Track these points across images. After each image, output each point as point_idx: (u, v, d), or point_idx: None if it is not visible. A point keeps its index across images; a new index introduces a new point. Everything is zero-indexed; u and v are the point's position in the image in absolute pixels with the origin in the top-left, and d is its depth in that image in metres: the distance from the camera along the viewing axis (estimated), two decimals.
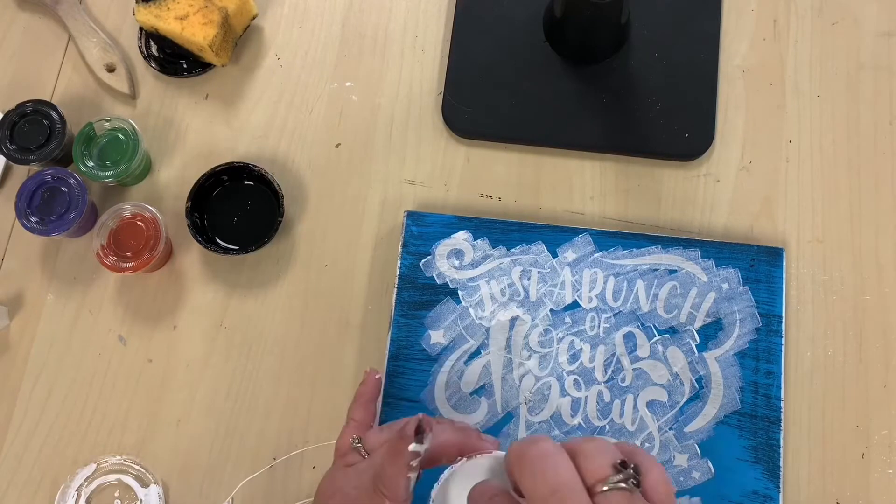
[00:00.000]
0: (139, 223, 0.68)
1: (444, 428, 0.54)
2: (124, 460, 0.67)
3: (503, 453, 0.50)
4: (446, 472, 0.51)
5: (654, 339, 0.66)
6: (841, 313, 0.68)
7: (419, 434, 0.49)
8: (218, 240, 0.71)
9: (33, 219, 0.68)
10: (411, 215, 0.69)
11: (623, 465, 0.42)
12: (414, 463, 0.49)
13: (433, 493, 0.50)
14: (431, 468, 0.52)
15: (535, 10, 0.75)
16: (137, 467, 0.67)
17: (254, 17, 0.76)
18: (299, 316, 0.70)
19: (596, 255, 0.68)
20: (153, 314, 0.71)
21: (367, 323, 0.70)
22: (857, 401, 0.66)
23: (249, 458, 0.67)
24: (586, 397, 0.65)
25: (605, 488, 0.41)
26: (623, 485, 0.41)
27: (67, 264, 0.72)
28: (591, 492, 0.41)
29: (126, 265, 0.67)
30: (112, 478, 0.67)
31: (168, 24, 0.71)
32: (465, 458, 0.51)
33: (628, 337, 0.66)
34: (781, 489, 0.63)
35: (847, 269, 0.69)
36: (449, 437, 0.53)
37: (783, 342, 0.66)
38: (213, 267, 0.72)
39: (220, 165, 0.70)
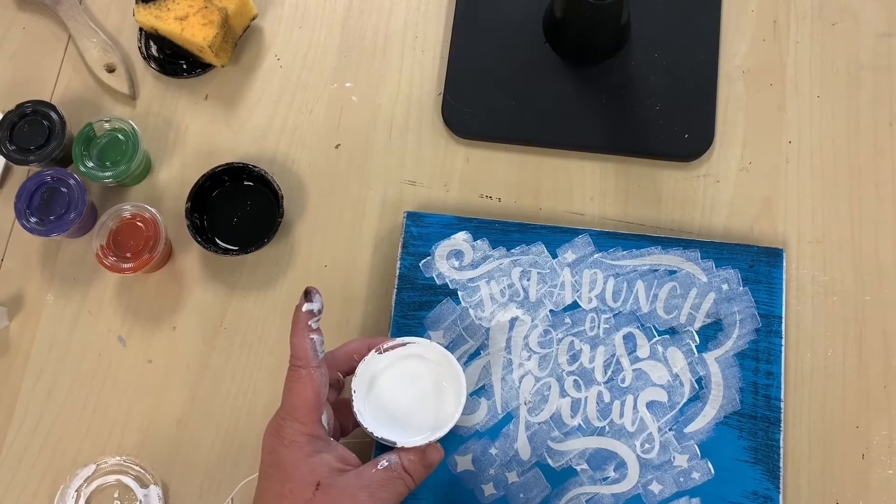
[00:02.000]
0: (139, 224, 0.68)
1: (354, 340, 0.61)
2: (124, 461, 0.67)
3: (414, 339, 0.60)
4: (360, 364, 0.59)
5: (654, 339, 0.66)
6: (841, 314, 0.68)
7: (308, 295, 0.55)
8: (217, 240, 0.71)
9: (33, 219, 0.68)
10: (411, 216, 0.69)
11: None
12: (312, 324, 0.55)
13: (352, 384, 0.59)
14: (346, 374, 0.60)
15: (534, 11, 0.75)
16: (137, 468, 0.67)
17: (254, 18, 0.76)
18: None
19: (596, 255, 0.68)
20: (153, 315, 0.71)
21: (366, 324, 0.69)
22: (857, 401, 0.66)
23: (249, 458, 0.67)
24: (586, 398, 0.65)
25: None
26: None
27: (67, 265, 0.72)
28: None
29: (126, 266, 0.67)
30: (111, 478, 0.67)
31: (168, 24, 0.71)
32: (375, 350, 0.59)
33: (628, 338, 0.66)
34: (781, 490, 0.63)
35: (847, 270, 0.69)
36: (358, 343, 0.61)
37: (783, 343, 0.66)
38: (212, 267, 0.72)
39: (219, 166, 0.70)
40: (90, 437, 0.68)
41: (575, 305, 0.67)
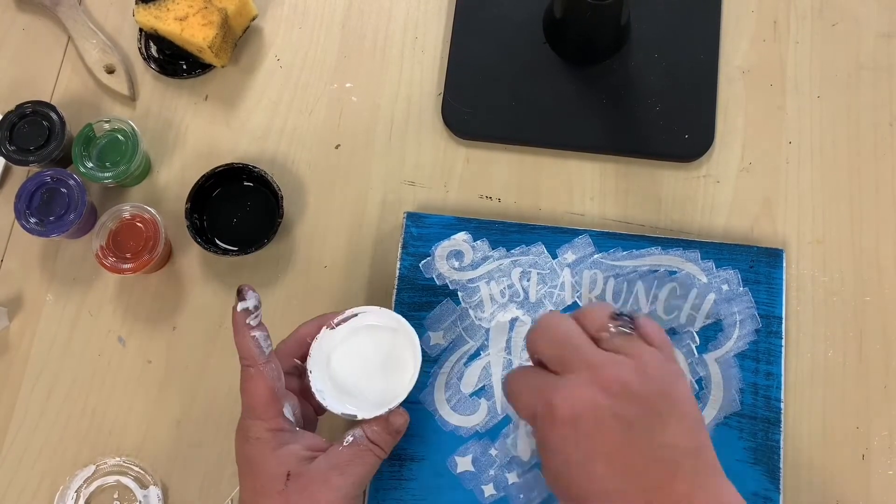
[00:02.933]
0: (138, 224, 0.68)
1: (303, 323, 0.61)
2: (123, 462, 0.67)
3: (363, 308, 0.60)
4: (313, 343, 0.59)
5: None
6: (841, 314, 0.68)
7: (240, 294, 0.56)
8: (217, 241, 0.71)
9: (33, 220, 0.68)
10: (411, 216, 0.69)
11: (618, 315, 0.50)
12: (251, 321, 0.56)
13: (308, 365, 0.59)
14: (303, 358, 0.60)
15: (534, 11, 0.75)
16: (136, 469, 0.67)
17: (253, 18, 0.76)
18: (299, 317, 0.70)
19: (596, 256, 0.68)
20: (153, 315, 0.71)
21: None
22: (857, 402, 0.66)
23: None
24: None
25: (606, 334, 0.49)
26: (622, 329, 0.49)
27: (67, 265, 0.72)
28: (595, 340, 0.49)
29: (125, 266, 0.67)
30: (111, 479, 0.67)
31: (167, 24, 0.71)
32: (325, 328, 0.60)
33: None
34: (781, 490, 0.63)
35: (847, 270, 0.69)
36: (309, 325, 0.61)
37: (783, 343, 0.65)
38: (212, 268, 0.72)
39: (219, 166, 0.70)
40: (90, 438, 0.68)
41: (575, 306, 0.67)
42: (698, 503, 0.45)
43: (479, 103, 0.73)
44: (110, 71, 0.75)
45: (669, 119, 0.72)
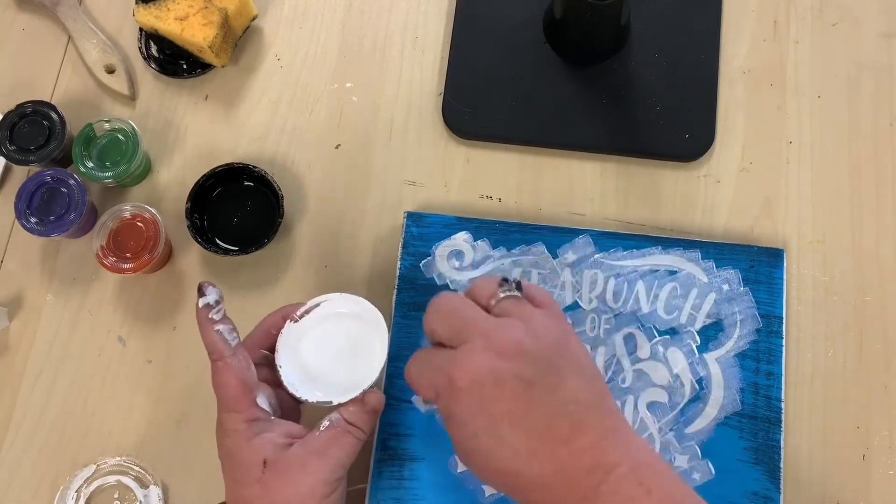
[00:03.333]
0: (139, 224, 0.68)
1: (268, 315, 0.62)
2: (124, 461, 0.67)
3: (325, 297, 0.61)
4: (279, 338, 0.60)
5: (655, 340, 0.66)
6: (841, 314, 0.68)
7: (200, 291, 0.56)
8: (218, 241, 0.70)
9: (33, 219, 0.68)
10: (411, 216, 0.69)
11: (504, 281, 0.52)
12: (213, 315, 0.56)
13: (276, 359, 0.60)
14: (272, 349, 0.60)
15: (535, 11, 0.75)
16: (137, 468, 0.67)
17: (254, 18, 0.76)
18: None
19: (596, 256, 0.68)
20: (153, 315, 0.71)
21: None
22: (857, 402, 0.66)
23: None
24: None
25: (494, 301, 0.51)
26: (509, 293, 0.51)
27: (67, 265, 0.72)
28: (486, 309, 0.51)
29: (126, 266, 0.67)
30: (112, 479, 0.67)
31: (168, 24, 0.71)
32: (290, 321, 0.60)
33: (628, 338, 0.66)
34: (782, 490, 0.63)
35: (848, 270, 0.69)
36: (273, 317, 0.61)
37: (784, 343, 0.65)
38: (212, 268, 0.71)
39: (219, 166, 0.70)
40: (90, 438, 0.68)
41: (575, 306, 0.67)
42: (606, 452, 0.46)
43: (480, 103, 0.73)
44: (110, 71, 0.75)
45: (670, 119, 0.72)
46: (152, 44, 0.75)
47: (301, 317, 0.61)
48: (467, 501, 0.64)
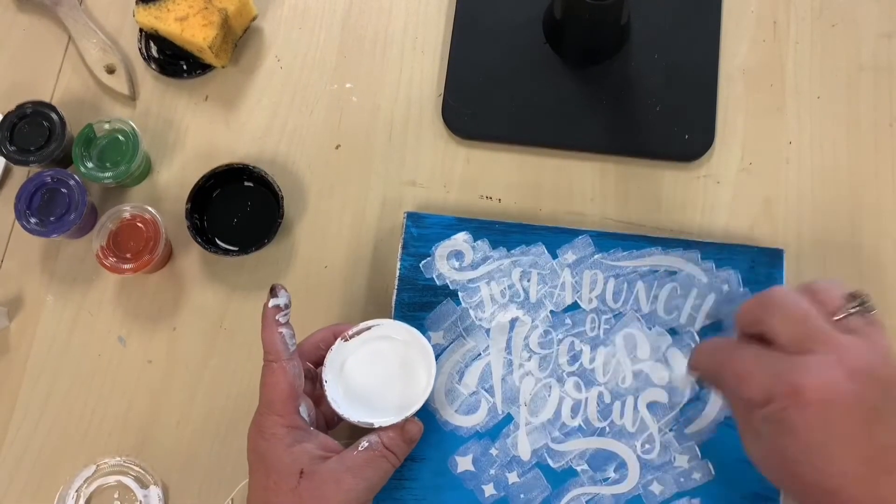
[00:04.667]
0: (139, 224, 0.68)
1: (320, 329, 0.63)
2: (124, 461, 0.67)
3: (377, 321, 0.61)
4: (328, 354, 0.60)
5: (655, 340, 0.66)
6: None
7: (273, 291, 0.57)
8: (218, 241, 0.71)
9: (33, 220, 0.68)
10: (411, 216, 0.69)
11: (853, 296, 0.51)
12: (280, 318, 0.57)
13: (323, 374, 0.60)
14: (317, 362, 0.61)
15: (535, 12, 0.75)
16: (137, 468, 0.67)
17: (254, 19, 0.76)
18: (299, 317, 0.69)
19: (596, 256, 0.68)
20: (153, 315, 0.71)
21: None
22: None
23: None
24: (587, 399, 0.65)
25: (842, 315, 0.50)
26: (857, 309, 0.50)
27: (67, 265, 0.72)
28: (830, 319, 0.50)
29: (126, 266, 0.67)
30: (112, 479, 0.67)
31: (168, 25, 0.71)
32: (340, 339, 0.61)
33: (628, 338, 0.66)
34: (782, 491, 0.63)
35: (847, 271, 0.69)
36: (324, 332, 0.62)
37: None
38: (212, 268, 0.72)
39: (219, 167, 0.70)
40: (90, 438, 0.68)
41: (575, 306, 0.67)
42: None
43: (480, 104, 0.73)
44: (111, 71, 0.75)
45: (669, 119, 0.72)
46: (152, 44, 0.75)
47: (352, 336, 0.61)
48: (468, 501, 0.64)
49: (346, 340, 0.61)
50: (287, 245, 0.72)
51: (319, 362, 0.61)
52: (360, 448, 0.57)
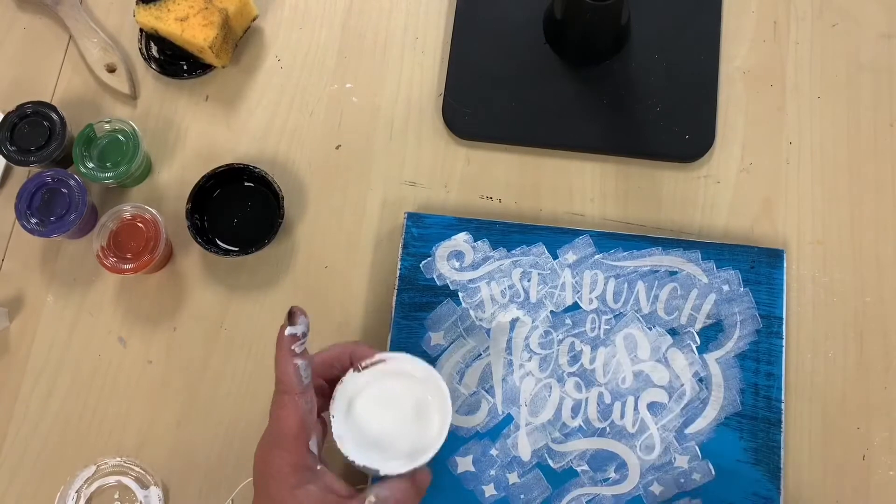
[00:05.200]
0: (139, 224, 0.68)
1: (335, 345, 0.59)
2: (124, 462, 0.67)
3: (394, 355, 0.57)
4: (338, 386, 0.56)
5: (655, 341, 0.66)
6: (841, 315, 0.68)
7: (291, 318, 0.53)
8: (218, 241, 0.70)
9: (33, 220, 0.68)
10: (411, 217, 0.69)
11: None
12: (296, 348, 0.53)
13: (331, 408, 0.56)
14: (329, 380, 0.58)
15: (535, 12, 0.75)
16: (137, 469, 0.67)
17: (254, 19, 0.76)
18: None
19: (596, 256, 0.68)
20: (153, 316, 0.71)
21: (367, 325, 0.69)
22: (857, 403, 0.66)
23: (249, 459, 0.67)
24: (587, 399, 0.65)
25: None
26: None
27: (67, 266, 0.72)
28: None
29: (126, 266, 0.67)
30: (112, 479, 0.67)
31: (168, 25, 0.71)
32: (352, 370, 0.57)
33: (628, 339, 0.66)
34: (782, 491, 0.63)
35: (848, 271, 0.69)
36: (340, 350, 0.58)
37: (784, 344, 0.65)
38: (213, 268, 0.72)
39: (220, 167, 0.70)
40: (90, 438, 0.68)
41: (576, 306, 0.67)
42: None
43: (480, 104, 0.73)
44: (111, 70, 0.75)
45: (670, 120, 0.72)
46: (153, 44, 0.75)
47: (365, 368, 0.57)
48: (468, 502, 0.64)
49: (359, 371, 0.57)
50: (287, 245, 0.72)
51: (333, 381, 0.57)
52: (366, 502, 0.53)
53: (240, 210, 0.71)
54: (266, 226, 0.69)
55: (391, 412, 0.57)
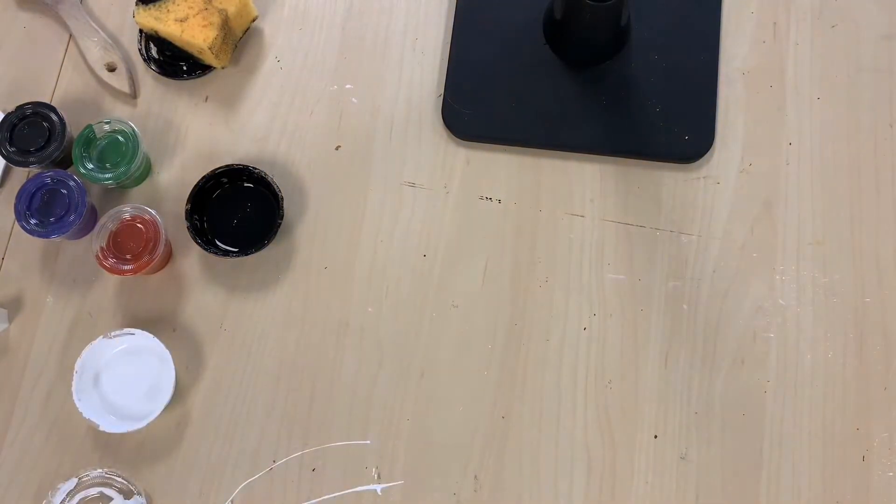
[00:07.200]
0: (139, 225, 0.68)
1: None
2: (106, 473, 0.67)
3: (133, 331, 0.67)
4: (87, 347, 0.67)
5: None
6: (841, 316, 0.68)
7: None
8: (218, 242, 0.71)
9: (33, 221, 0.68)
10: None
11: None
12: None
13: (76, 364, 0.66)
14: None
15: (535, 13, 0.75)
16: (120, 480, 0.67)
17: (254, 20, 0.76)
18: (298, 318, 0.70)
19: None
20: (153, 316, 0.71)
21: (366, 325, 0.69)
22: (857, 403, 0.66)
23: (249, 460, 0.67)
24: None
25: None
26: None
27: (67, 266, 0.72)
28: None
29: (126, 267, 0.67)
30: (94, 491, 0.67)
31: (167, 26, 0.71)
32: (103, 336, 0.67)
33: None
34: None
35: (847, 272, 0.69)
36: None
37: None
38: (212, 269, 0.72)
39: (219, 168, 0.70)
40: (90, 438, 0.68)
41: None
42: None
43: (480, 104, 0.73)
44: (112, 69, 0.75)
45: (669, 120, 0.72)
46: (152, 45, 0.75)
47: (115, 336, 0.67)
48: None
49: (109, 338, 0.67)
50: (287, 246, 0.72)
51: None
52: None
53: (239, 211, 0.71)
54: (266, 227, 0.69)
55: (130, 382, 0.68)
